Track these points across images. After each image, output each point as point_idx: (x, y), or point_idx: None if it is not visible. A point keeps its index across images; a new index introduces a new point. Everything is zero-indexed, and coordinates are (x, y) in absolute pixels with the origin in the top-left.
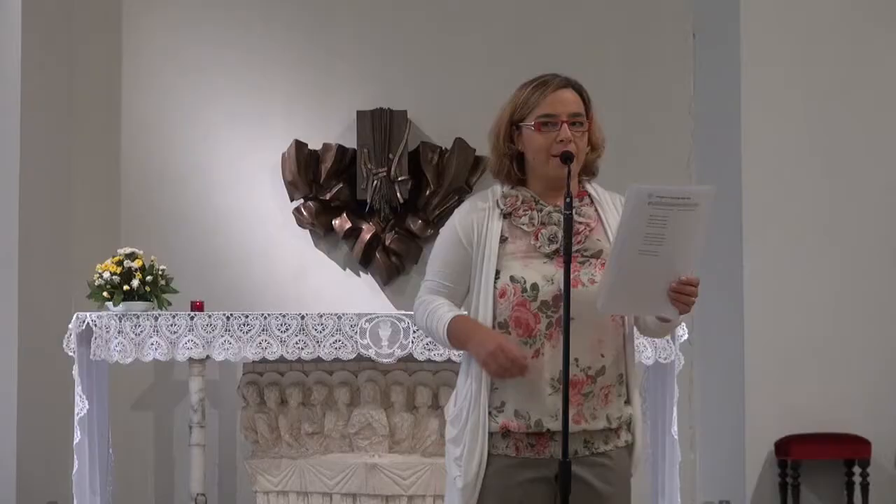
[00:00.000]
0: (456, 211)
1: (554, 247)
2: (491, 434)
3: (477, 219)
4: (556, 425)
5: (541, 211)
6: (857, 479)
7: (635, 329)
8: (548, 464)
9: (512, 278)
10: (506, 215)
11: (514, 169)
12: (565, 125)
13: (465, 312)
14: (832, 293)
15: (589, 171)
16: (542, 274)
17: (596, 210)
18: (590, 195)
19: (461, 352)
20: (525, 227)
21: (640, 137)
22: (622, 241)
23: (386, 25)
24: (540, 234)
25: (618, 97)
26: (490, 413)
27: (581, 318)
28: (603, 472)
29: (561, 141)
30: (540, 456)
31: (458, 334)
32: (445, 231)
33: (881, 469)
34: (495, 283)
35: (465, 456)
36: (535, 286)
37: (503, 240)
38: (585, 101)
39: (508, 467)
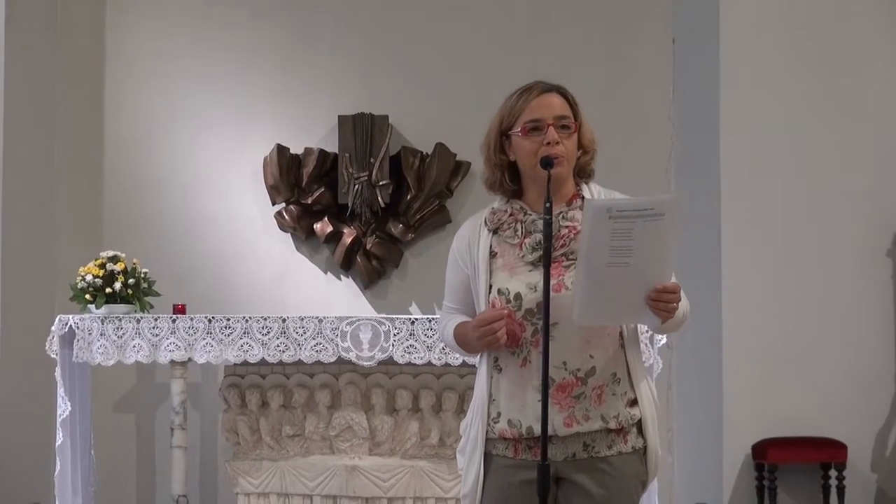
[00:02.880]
0: (455, 234)
1: (537, 254)
2: (491, 440)
3: (469, 239)
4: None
5: (525, 221)
6: (833, 482)
7: (643, 327)
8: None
9: (499, 291)
10: (494, 231)
11: (506, 179)
12: (551, 128)
13: (467, 318)
14: (809, 299)
15: (584, 174)
16: (526, 283)
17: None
18: (582, 198)
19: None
20: (510, 240)
21: (619, 142)
22: (586, 257)
23: (368, 32)
24: (524, 244)
25: (598, 102)
26: (489, 423)
27: (566, 321)
28: (601, 477)
29: (548, 143)
30: (536, 458)
31: (460, 338)
32: (449, 255)
33: (857, 472)
34: (488, 297)
35: (466, 466)
36: (518, 296)
37: (493, 255)
38: (572, 105)
39: (507, 467)
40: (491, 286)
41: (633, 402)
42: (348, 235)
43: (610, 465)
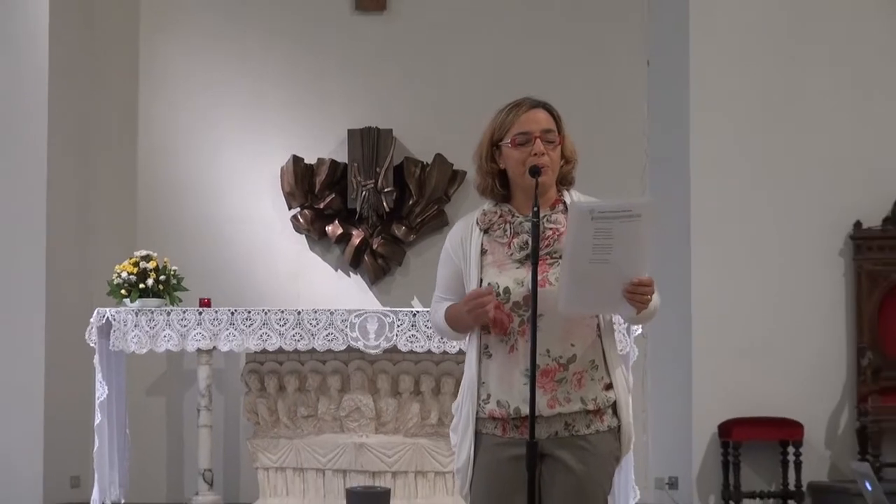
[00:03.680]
0: (449, 232)
1: (524, 253)
2: (481, 419)
3: (462, 237)
4: None
5: (513, 222)
6: (791, 457)
7: (619, 318)
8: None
9: (489, 285)
10: (485, 231)
11: (497, 185)
12: (538, 140)
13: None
14: (770, 294)
15: (566, 181)
16: (514, 278)
17: (567, 216)
18: (564, 202)
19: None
20: (500, 240)
21: (599, 153)
22: (570, 254)
23: (374, 54)
24: (512, 244)
25: (581, 117)
26: (479, 404)
27: (550, 313)
28: (581, 454)
29: (535, 154)
30: (523, 436)
31: (452, 317)
32: (442, 250)
33: (812, 449)
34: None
35: (459, 443)
36: (507, 290)
37: (483, 252)
38: (556, 120)
39: (496, 445)
40: (481, 280)
41: (609, 387)
42: (357, 237)
43: (588, 443)
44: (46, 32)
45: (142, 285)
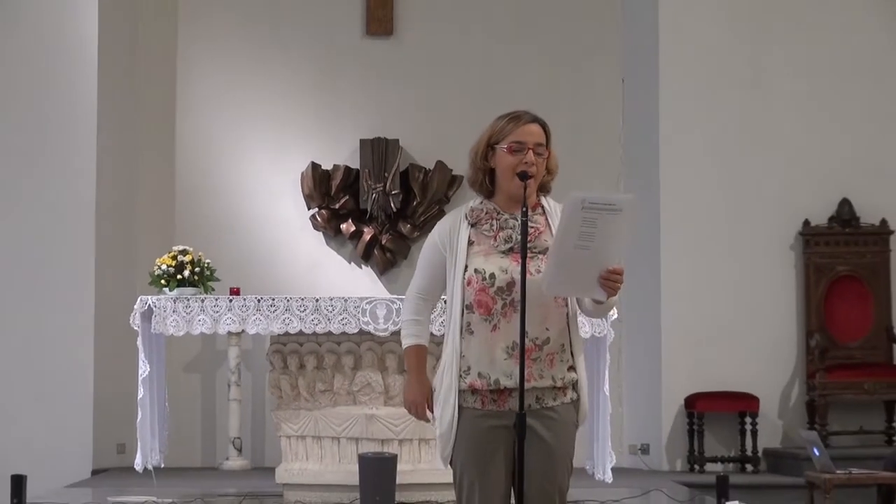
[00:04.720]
0: (436, 224)
1: (508, 245)
2: (462, 392)
3: (450, 229)
4: (509, 383)
5: (499, 219)
6: (748, 427)
7: (579, 310)
8: (507, 415)
9: (476, 270)
10: (473, 225)
11: (487, 182)
12: (531, 151)
13: (422, 342)
14: (730, 283)
15: (545, 189)
16: (499, 266)
17: (546, 218)
18: (542, 206)
19: (441, 331)
20: (487, 233)
21: (580, 160)
22: (560, 238)
23: (382, 73)
24: (498, 237)
25: (564, 128)
26: (460, 376)
27: (530, 300)
28: (549, 423)
29: (526, 163)
30: (501, 409)
31: (406, 357)
32: (428, 239)
33: (767, 420)
34: (464, 274)
35: (441, 412)
36: (492, 275)
37: (470, 243)
38: (547, 135)
39: (476, 417)
40: (467, 266)
41: (571, 368)
42: (368, 233)
43: (555, 412)
44: (95, 54)
45: (179, 276)
